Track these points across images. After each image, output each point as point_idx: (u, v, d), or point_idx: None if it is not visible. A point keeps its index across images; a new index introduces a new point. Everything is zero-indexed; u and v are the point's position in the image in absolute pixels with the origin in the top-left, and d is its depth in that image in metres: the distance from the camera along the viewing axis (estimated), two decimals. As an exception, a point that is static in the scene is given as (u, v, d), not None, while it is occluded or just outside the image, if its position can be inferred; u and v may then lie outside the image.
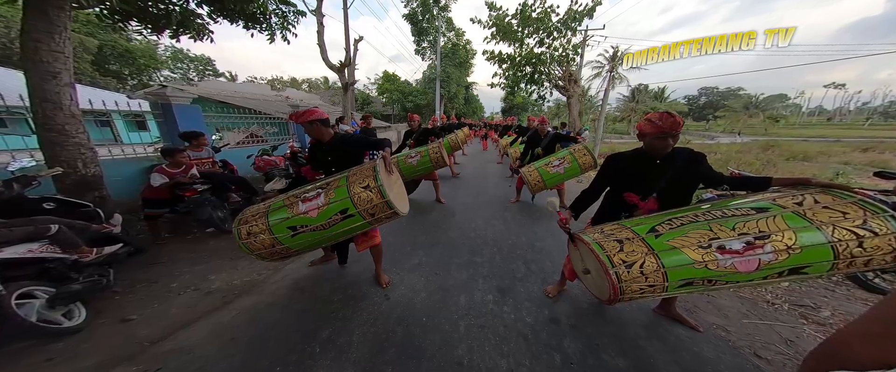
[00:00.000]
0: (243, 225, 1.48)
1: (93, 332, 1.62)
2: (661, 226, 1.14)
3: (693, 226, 1.10)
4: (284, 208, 1.48)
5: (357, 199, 1.42)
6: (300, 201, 1.47)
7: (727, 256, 1.01)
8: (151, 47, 22.42)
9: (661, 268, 1.04)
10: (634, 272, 1.05)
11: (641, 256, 1.07)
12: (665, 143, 1.24)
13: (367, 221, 1.47)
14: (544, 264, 2.36)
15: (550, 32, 8.90)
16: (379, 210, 1.45)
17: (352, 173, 1.52)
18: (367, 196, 1.42)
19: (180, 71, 31.98)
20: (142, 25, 3.13)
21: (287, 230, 1.44)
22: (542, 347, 1.49)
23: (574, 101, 9.97)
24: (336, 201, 1.43)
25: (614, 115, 36.89)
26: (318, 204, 1.44)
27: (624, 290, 1.05)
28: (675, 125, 1.19)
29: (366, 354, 1.44)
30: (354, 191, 1.44)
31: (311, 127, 1.71)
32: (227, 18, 3.55)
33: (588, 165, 3.36)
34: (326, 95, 27.33)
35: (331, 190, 1.47)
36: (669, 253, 1.05)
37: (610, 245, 1.13)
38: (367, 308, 1.80)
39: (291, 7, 4.09)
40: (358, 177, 1.48)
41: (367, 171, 1.49)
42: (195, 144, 3.10)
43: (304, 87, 47.15)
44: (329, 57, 8.15)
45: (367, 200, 1.42)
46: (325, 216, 1.43)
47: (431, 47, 18.83)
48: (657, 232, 1.13)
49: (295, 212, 1.45)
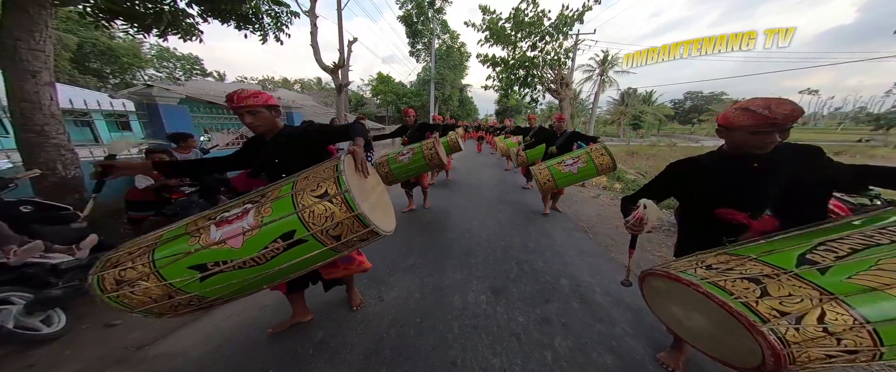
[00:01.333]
0: (109, 269, 0.95)
1: (75, 337, 1.57)
2: (816, 254, 0.73)
3: (876, 252, 0.68)
4: (184, 238, 0.96)
5: (309, 214, 0.93)
6: (213, 225, 0.96)
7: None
8: (135, 45, 21.71)
9: (862, 322, 0.62)
10: (811, 330, 0.64)
11: (811, 303, 0.66)
12: (770, 139, 0.89)
13: (329, 247, 0.97)
14: (536, 264, 2.41)
15: (543, 36, 9.08)
16: (347, 229, 0.96)
17: (301, 177, 1.04)
18: (325, 209, 0.93)
19: (166, 70, 31.06)
20: (128, 24, 3.05)
21: (189, 272, 0.92)
22: (534, 345, 1.52)
23: (566, 103, 10.18)
24: (275, 221, 0.93)
25: (605, 118, 37.78)
26: (245, 226, 0.93)
27: (796, 357, 0.65)
28: (793, 116, 0.84)
29: (360, 356, 1.45)
30: (305, 203, 0.94)
31: (253, 116, 1.16)
32: (219, 18, 3.50)
33: (605, 167, 2.94)
34: (319, 96, 27.02)
35: (266, 204, 0.97)
36: (866, 298, 0.64)
37: (738, 286, 0.72)
38: (361, 310, 1.80)
39: (285, 8, 4.07)
40: (310, 181, 0.99)
41: (324, 173, 1.01)
42: (183, 146, 3.03)
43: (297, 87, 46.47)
44: (322, 58, 8.09)
45: (326, 215, 0.93)
46: (258, 246, 0.92)
47: (426, 49, 18.91)
48: (815, 264, 0.71)
49: (203, 242, 0.94)
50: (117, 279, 0.93)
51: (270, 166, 1.29)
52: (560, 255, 2.62)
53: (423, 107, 19.10)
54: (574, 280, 2.17)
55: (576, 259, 2.54)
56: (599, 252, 2.75)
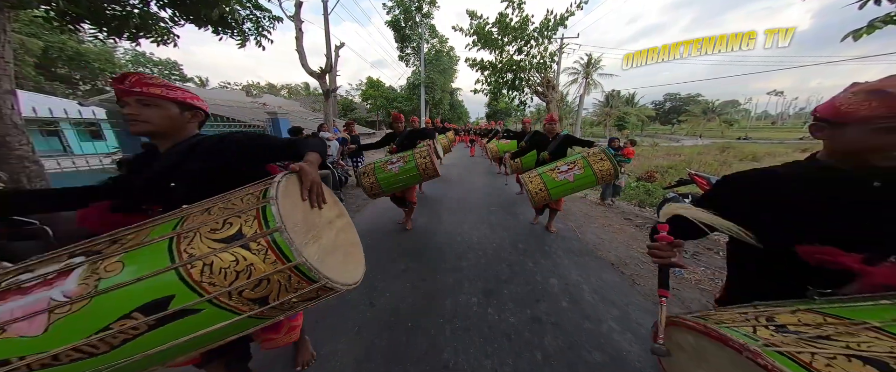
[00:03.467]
0: None
1: None
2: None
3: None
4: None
5: (200, 271, 0.59)
6: (47, 281, 0.58)
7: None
8: (108, 50, 20.73)
9: None
10: None
11: None
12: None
13: (248, 314, 0.63)
14: (527, 265, 2.45)
15: (528, 40, 9.31)
16: (279, 288, 0.63)
17: (196, 210, 0.69)
18: (235, 261, 0.60)
19: (142, 75, 29.78)
20: (96, 28, 2.91)
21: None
22: (524, 345, 1.54)
23: (553, 106, 10.44)
24: (125, 284, 0.57)
25: (591, 119, 38.95)
26: (54, 298, 0.56)
27: None
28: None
29: (351, 363, 1.43)
30: (192, 251, 0.60)
31: (142, 108, 0.78)
32: (194, 23, 3.40)
33: (606, 175, 2.54)
34: (307, 102, 26.60)
35: (114, 256, 0.61)
36: None
37: (838, 367, 0.43)
38: (351, 317, 1.77)
39: (266, 13, 4.00)
40: (213, 215, 0.66)
41: (241, 202, 0.68)
42: None
43: (284, 93, 45.56)
44: (309, 63, 8.00)
45: (237, 269, 0.60)
46: (83, 328, 0.55)
47: (415, 53, 19.02)
48: None
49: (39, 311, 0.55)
50: None
51: (158, 192, 0.83)
52: (549, 255, 2.67)
53: (413, 111, 19.13)
54: (563, 280, 2.22)
55: (565, 259, 2.60)
56: (587, 251, 2.82)
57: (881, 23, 1.75)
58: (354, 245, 0.97)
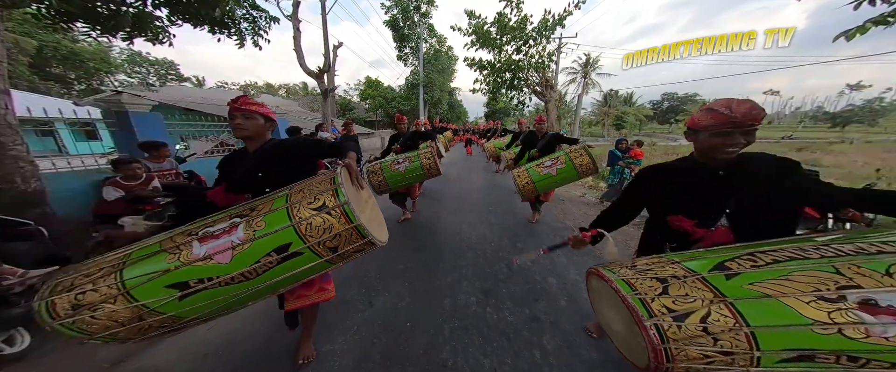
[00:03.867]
0: (61, 293, 0.86)
1: (43, 356, 1.48)
2: (735, 262, 0.73)
3: (798, 265, 0.68)
4: (160, 256, 0.91)
5: (306, 227, 0.92)
6: (196, 241, 0.93)
7: (884, 317, 0.58)
8: (103, 49, 20.55)
9: (742, 325, 0.63)
10: (691, 329, 0.66)
11: (702, 304, 0.67)
12: (732, 141, 0.83)
13: (325, 258, 0.96)
14: (525, 265, 2.45)
15: (527, 40, 9.32)
16: (344, 241, 0.96)
17: (295, 190, 1.03)
18: (324, 222, 0.93)
19: (138, 75, 29.57)
20: (90, 27, 2.88)
21: (166, 291, 0.87)
22: (523, 344, 1.54)
23: (552, 105, 10.46)
24: (268, 234, 0.91)
25: (590, 119, 39.07)
26: (235, 240, 0.91)
27: (673, 354, 0.66)
28: (752, 115, 0.80)
29: (350, 363, 1.42)
30: (301, 215, 0.93)
31: (246, 119, 1.13)
32: (190, 22, 3.37)
33: (585, 169, 2.76)
34: (305, 102, 26.46)
35: (257, 217, 0.96)
36: (757, 304, 0.65)
37: (645, 284, 0.74)
38: (350, 316, 1.77)
39: (263, 12, 3.98)
40: (306, 193, 0.99)
41: (321, 185, 1.01)
42: (155, 156, 2.89)
43: (282, 93, 45.34)
44: (307, 63, 7.97)
45: (324, 227, 0.93)
46: (249, 260, 0.90)
47: (414, 53, 18.98)
48: (729, 270, 0.72)
49: (184, 259, 0.89)
50: (73, 304, 0.84)
51: (252, 180, 1.21)
52: (548, 255, 2.67)
53: (412, 111, 19.10)
54: (562, 279, 2.22)
55: (563, 258, 2.60)
56: (586, 250, 2.82)
57: (872, 24, 1.76)
58: (380, 218, 1.32)
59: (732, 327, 0.64)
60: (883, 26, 1.73)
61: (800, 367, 0.63)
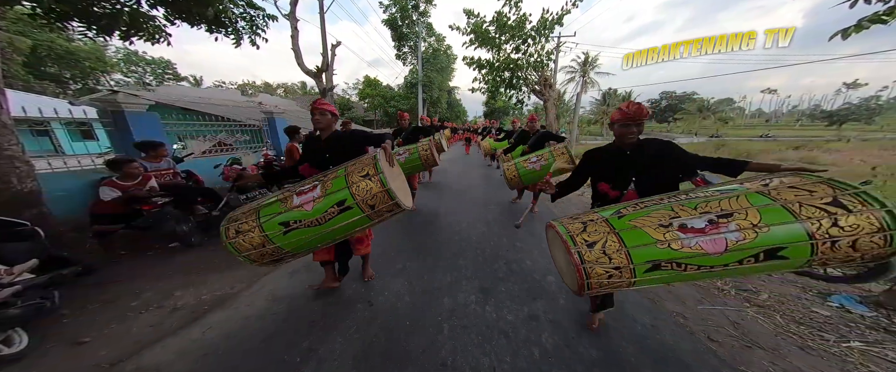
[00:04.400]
0: (232, 223, 1.38)
1: (42, 357, 1.47)
2: (626, 208, 1.14)
3: (656, 208, 1.08)
4: (277, 203, 1.38)
5: (356, 189, 1.33)
6: (295, 195, 1.38)
7: (690, 235, 0.96)
8: (99, 49, 20.35)
9: (622, 247, 1.00)
10: (596, 253, 1.01)
11: (603, 235, 1.04)
12: (629, 131, 1.29)
13: (366, 214, 1.35)
14: (524, 263, 2.46)
15: (525, 39, 9.29)
16: (379, 200, 1.34)
17: (351, 164, 1.45)
18: (367, 186, 1.33)
19: (135, 75, 29.33)
20: (85, 26, 2.85)
21: (279, 227, 1.32)
22: (522, 343, 1.55)
23: (550, 104, 10.46)
24: (333, 192, 1.34)
25: (589, 118, 39.09)
26: (314, 196, 1.35)
27: (589, 272, 1.01)
28: (639, 112, 1.25)
29: (349, 362, 1.43)
30: (353, 180, 1.35)
31: (323, 117, 1.68)
32: (187, 21, 3.34)
33: (562, 166, 3.28)
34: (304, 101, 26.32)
35: (328, 181, 1.39)
36: (631, 232, 1.03)
37: (574, 226, 1.12)
38: (349, 316, 1.77)
39: (260, 11, 3.95)
40: (357, 166, 1.40)
41: (366, 161, 1.41)
42: (153, 155, 2.87)
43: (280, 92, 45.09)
44: (305, 62, 7.92)
45: (367, 189, 1.33)
46: (322, 210, 1.33)
47: (412, 52, 18.91)
48: (621, 214, 1.11)
49: (288, 206, 1.35)
50: (236, 231, 1.35)
51: (323, 161, 1.72)
52: (546, 253, 2.67)
53: (411, 110, 19.05)
54: (560, 277, 2.22)
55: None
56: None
57: (868, 22, 1.76)
58: (406, 190, 1.74)
59: (618, 249, 1.02)
60: (880, 24, 1.73)
61: (654, 275, 1.01)
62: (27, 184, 2.40)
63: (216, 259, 2.56)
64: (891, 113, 54.73)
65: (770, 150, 16.66)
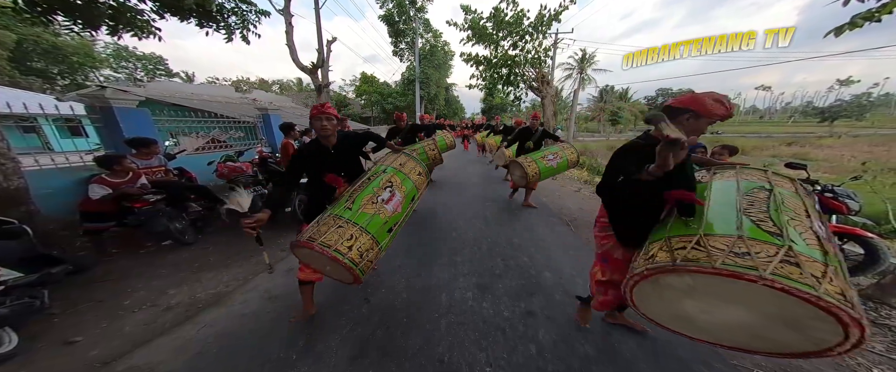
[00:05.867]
0: (347, 249, 1.26)
1: (32, 356, 1.45)
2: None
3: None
4: (377, 217, 1.42)
5: (415, 183, 1.69)
6: (386, 205, 1.50)
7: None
8: (87, 44, 19.82)
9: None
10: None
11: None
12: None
13: (416, 201, 1.74)
14: (521, 260, 2.46)
15: (523, 36, 9.23)
16: (424, 188, 1.79)
17: (402, 164, 1.74)
18: (419, 181, 1.74)
19: (125, 71, 28.69)
20: (70, 20, 2.76)
21: (387, 234, 1.47)
22: (518, 339, 1.55)
23: (548, 101, 10.44)
24: (407, 193, 1.62)
25: (586, 114, 39.13)
26: (398, 199, 1.54)
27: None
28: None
29: (345, 359, 1.42)
30: (412, 178, 1.70)
31: (330, 122, 1.55)
32: (176, 15, 3.26)
33: (572, 163, 3.69)
34: (299, 97, 26.02)
35: (399, 183, 1.62)
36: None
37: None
38: (346, 313, 1.76)
39: (252, 6, 3.86)
40: (412, 166, 1.76)
41: (413, 162, 1.77)
42: (144, 152, 2.81)
43: (275, 88, 44.46)
44: (301, 58, 7.80)
45: (420, 184, 1.74)
46: (405, 207, 1.58)
47: (409, 49, 18.71)
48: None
49: (387, 214, 1.46)
50: (360, 253, 1.32)
51: (338, 163, 1.65)
52: (544, 249, 2.69)
53: (408, 107, 18.92)
54: (557, 273, 2.24)
55: (559, 253, 2.62)
56: (580, 245, 2.85)
57: (862, 20, 1.75)
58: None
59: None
60: (874, 22, 1.73)
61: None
62: (13, 181, 2.34)
63: (210, 257, 2.53)
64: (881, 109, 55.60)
65: (765, 145, 16.85)
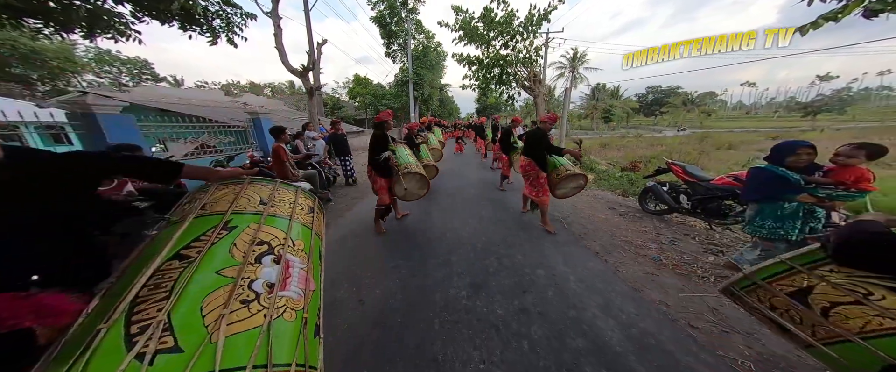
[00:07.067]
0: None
1: None
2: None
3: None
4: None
5: (313, 226, 1.09)
6: (267, 296, 1.00)
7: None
8: (67, 48, 19.20)
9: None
10: None
11: None
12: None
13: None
14: (515, 258, 2.49)
15: (513, 35, 9.31)
16: (322, 229, 1.35)
17: (278, 204, 1.11)
18: (316, 220, 1.15)
19: (109, 75, 27.94)
20: (42, 23, 2.67)
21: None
22: (511, 336, 1.57)
23: (540, 100, 10.53)
24: (311, 251, 1.01)
25: (579, 112, 39.62)
26: (299, 271, 1.00)
27: None
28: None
29: (340, 360, 1.42)
30: (302, 219, 1.10)
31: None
32: (156, 18, 3.18)
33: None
34: (291, 101, 25.72)
35: (286, 240, 1.11)
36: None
37: None
38: (341, 314, 1.75)
39: (237, 9, 3.80)
40: (284, 198, 1.08)
41: (289, 190, 1.11)
42: None
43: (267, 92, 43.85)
44: (291, 61, 7.71)
45: (318, 223, 1.17)
46: (318, 281, 1.15)
47: (402, 50, 18.65)
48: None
49: (289, 319, 1.09)
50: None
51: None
52: (537, 246, 2.72)
53: (403, 107, 18.86)
54: (550, 270, 2.27)
55: (552, 250, 2.65)
56: (573, 241, 2.89)
57: (823, 19, 1.87)
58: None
59: None
60: (832, 22, 1.85)
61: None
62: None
63: (201, 264, 2.48)
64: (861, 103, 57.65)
65: (752, 140, 17.30)
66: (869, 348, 0.77)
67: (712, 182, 3.05)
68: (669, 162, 3.57)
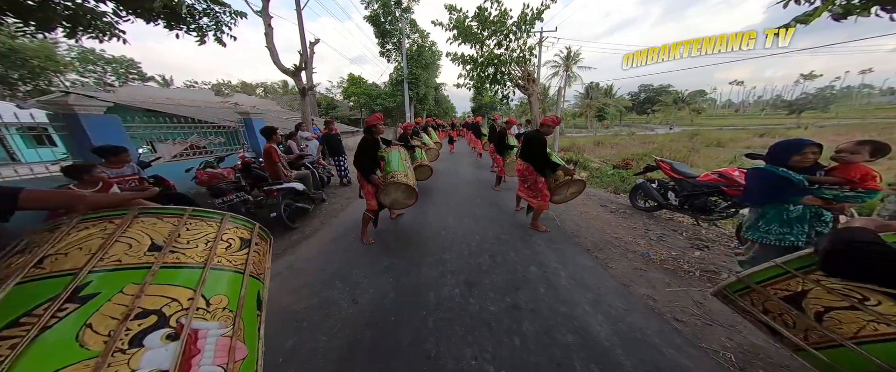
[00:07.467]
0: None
1: None
2: None
3: None
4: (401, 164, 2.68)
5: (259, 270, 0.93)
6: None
7: None
8: (48, 46, 18.56)
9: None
10: None
11: None
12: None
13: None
14: (508, 255, 2.51)
15: (507, 34, 9.34)
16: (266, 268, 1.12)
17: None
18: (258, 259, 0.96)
19: (93, 75, 27.13)
20: (21, 21, 2.59)
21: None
22: (503, 332, 1.60)
23: (535, 99, 10.60)
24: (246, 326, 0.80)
25: (573, 111, 39.98)
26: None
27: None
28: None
29: (334, 360, 1.43)
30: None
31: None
32: (141, 17, 3.11)
33: None
34: (285, 100, 25.36)
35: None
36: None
37: None
38: (334, 314, 1.76)
39: (225, 7, 3.74)
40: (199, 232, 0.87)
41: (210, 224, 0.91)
42: (114, 161, 2.68)
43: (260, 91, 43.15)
44: (285, 60, 7.61)
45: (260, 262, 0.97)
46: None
47: (396, 49, 18.53)
48: None
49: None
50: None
51: None
52: (530, 244, 2.76)
53: (398, 107, 18.77)
54: (542, 267, 2.30)
55: (544, 247, 2.69)
56: (566, 238, 2.94)
57: (795, 22, 1.97)
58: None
59: None
60: (802, 24, 1.94)
61: None
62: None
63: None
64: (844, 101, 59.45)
65: (739, 137, 17.72)
66: (863, 354, 0.76)
67: (698, 179, 3.13)
68: (658, 159, 3.66)
